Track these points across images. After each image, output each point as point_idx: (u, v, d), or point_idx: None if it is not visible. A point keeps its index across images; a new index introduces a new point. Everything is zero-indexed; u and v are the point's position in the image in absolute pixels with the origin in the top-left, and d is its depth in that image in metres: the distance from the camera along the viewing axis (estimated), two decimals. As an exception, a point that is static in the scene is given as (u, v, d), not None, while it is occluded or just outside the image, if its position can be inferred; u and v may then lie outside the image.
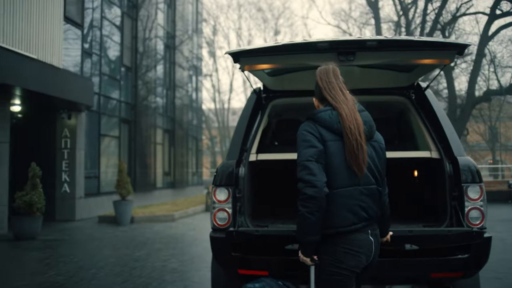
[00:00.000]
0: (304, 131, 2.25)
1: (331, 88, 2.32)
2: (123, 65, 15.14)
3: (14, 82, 8.57)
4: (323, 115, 2.26)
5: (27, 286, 5.29)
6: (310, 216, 2.11)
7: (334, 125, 2.23)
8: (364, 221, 2.23)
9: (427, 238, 3.03)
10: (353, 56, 2.96)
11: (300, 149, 2.21)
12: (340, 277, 2.20)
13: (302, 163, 2.15)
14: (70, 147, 11.78)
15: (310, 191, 2.11)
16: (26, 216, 8.47)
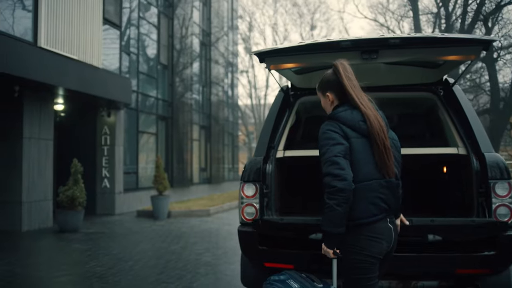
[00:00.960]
0: (327, 130, 2.32)
1: (353, 86, 2.38)
2: (160, 63, 15.50)
3: (57, 83, 8.97)
4: (344, 114, 2.35)
5: (70, 275, 5.59)
6: (338, 208, 2.19)
7: (356, 124, 2.33)
8: (384, 212, 2.34)
9: (449, 228, 3.04)
10: (376, 54, 3.00)
11: (327, 147, 2.27)
12: (365, 264, 2.30)
13: (330, 159, 2.22)
14: (109, 143, 12.21)
15: (339, 184, 2.18)
16: (69, 210, 8.88)
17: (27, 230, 9.02)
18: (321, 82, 2.53)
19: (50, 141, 9.83)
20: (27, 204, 9.08)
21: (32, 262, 6.33)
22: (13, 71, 7.81)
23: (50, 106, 9.90)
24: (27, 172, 9.12)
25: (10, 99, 8.81)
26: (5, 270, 5.80)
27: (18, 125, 9.07)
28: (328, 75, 2.49)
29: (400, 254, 3.03)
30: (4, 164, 9.10)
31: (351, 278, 2.36)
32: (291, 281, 2.65)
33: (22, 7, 8.67)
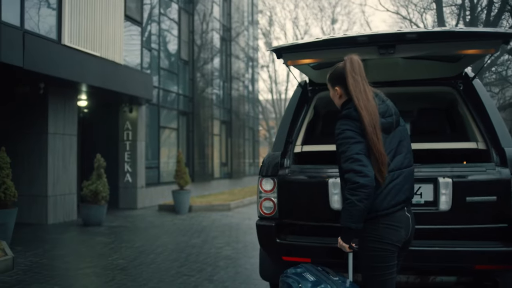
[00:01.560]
0: (345, 129, 2.34)
1: (356, 84, 2.37)
2: (181, 59, 15.63)
3: (80, 79, 9.15)
4: (355, 111, 2.35)
5: (94, 267, 5.74)
6: (359, 203, 2.23)
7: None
8: (403, 203, 2.39)
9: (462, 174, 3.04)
10: (393, 49, 2.99)
11: (347, 145, 2.30)
12: (383, 253, 2.35)
13: (352, 156, 2.26)
14: (131, 139, 12.40)
15: (362, 180, 2.22)
16: (92, 204, 9.07)
17: (52, 223, 9.26)
18: (331, 75, 2.55)
19: (74, 137, 10.05)
20: (52, 197, 9.32)
21: (58, 254, 6.51)
22: (39, 69, 8.00)
23: (73, 102, 10.12)
24: (52, 167, 9.35)
25: (35, 95, 9.04)
26: (33, 262, 5.99)
27: (43, 121, 9.30)
28: (339, 69, 2.49)
29: (417, 248, 3.04)
30: (31, 159, 9.35)
31: (370, 267, 2.38)
32: (308, 274, 2.67)
33: (47, 5, 8.85)
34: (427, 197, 3.12)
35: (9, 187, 6.84)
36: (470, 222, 3.08)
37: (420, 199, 3.13)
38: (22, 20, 8.02)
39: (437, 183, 3.08)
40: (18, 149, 9.29)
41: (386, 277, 2.38)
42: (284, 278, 2.73)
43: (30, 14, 8.33)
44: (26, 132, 9.42)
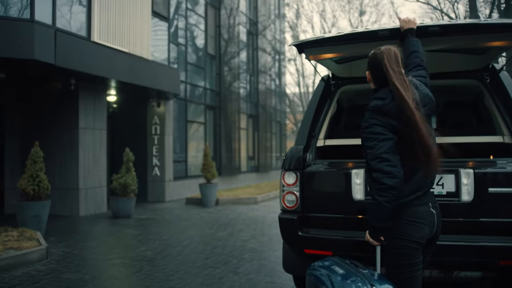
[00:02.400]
0: (373, 124, 2.26)
1: (394, 72, 2.28)
2: (208, 54, 15.75)
3: (109, 75, 9.36)
4: (389, 108, 2.26)
5: (122, 258, 5.90)
6: (387, 205, 2.21)
7: (397, 114, 2.25)
8: (425, 187, 2.34)
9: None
10: None
11: (375, 142, 2.23)
12: (407, 250, 2.31)
13: (381, 155, 2.20)
14: (159, 133, 12.61)
15: (391, 181, 2.19)
16: (122, 197, 9.30)
17: (84, 215, 9.55)
18: (368, 59, 2.47)
19: (103, 131, 10.30)
20: (83, 190, 9.60)
21: (88, 245, 6.72)
22: (70, 65, 8.23)
23: (103, 97, 10.36)
24: (83, 161, 9.62)
25: (67, 91, 9.30)
26: (65, 252, 6.21)
27: (74, 116, 9.58)
28: (373, 55, 2.42)
29: (441, 242, 3.03)
30: (63, 153, 9.65)
31: (395, 265, 2.36)
32: (336, 267, 2.62)
33: (77, 3, 9.07)
34: (449, 187, 3.10)
35: (43, 180, 7.09)
36: (494, 215, 3.04)
37: (442, 190, 3.11)
38: (53, 18, 8.25)
39: (458, 174, 3.05)
40: (50, 143, 9.61)
41: (412, 274, 2.35)
42: (312, 271, 2.71)
43: (62, 12, 8.57)
44: (58, 127, 9.71)
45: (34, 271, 5.25)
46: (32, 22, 7.60)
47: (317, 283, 2.56)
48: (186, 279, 4.91)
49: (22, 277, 5.01)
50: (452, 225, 3.09)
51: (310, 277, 2.71)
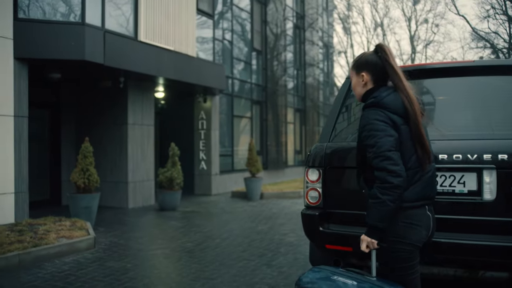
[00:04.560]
0: (375, 120, 2.24)
1: (398, 70, 2.32)
2: (254, 49, 15.90)
3: (156, 73, 9.73)
4: (389, 100, 2.28)
5: (164, 249, 6.20)
6: (391, 204, 2.19)
7: (400, 110, 2.27)
8: (428, 199, 2.37)
9: None
10: None
11: (376, 139, 2.21)
12: (404, 253, 2.30)
13: (383, 154, 2.18)
14: (206, 128, 12.93)
15: (395, 180, 2.17)
16: (168, 190, 9.67)
17: (132, 207, 10.02)
18: (359, 61, 2.45)
19: (151, 127, 10.73)
20: (132, 184, 10.07)
21: (133, 236, 7.09)
22: (118, 64, 8.64)
23: (151, 94, 10.78)
24: (131, 155, 10.09)
25: (116, 89, 9.77)
26: (111, 241, 6.60)
27: (123, 113, 10.05)
28: (368, 55, 2.43)
29: (464, 242, 3.00)
30: (113, 148, 10.16)
31: (392, 268, 2.33)
32: (339, 277, 2.32)
33: (124, 4, 9.47)
34: (471, 186, 3.06)
35: (92, 174, 7.53)
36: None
37: (463, 189, 3.07)
38: (103, 20, 8.68)
39: (480, 172, 3.01)
40: (101, 139, 10.14)
41: (409, 276, 2.34)
42: (308, 285, 2.32)
43: (110, 14, 8.99)
44: (108, 123, 10.23)
45: (82, 258, 5.63)
46: (83, 25, 8.05)
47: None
48: (220, 270, 5.10)
49: (71, 263, 5.40)
50: (474, 224, 3.05)
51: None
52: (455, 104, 3.47)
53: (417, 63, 17.03)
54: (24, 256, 5.23)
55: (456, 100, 3.47)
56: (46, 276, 4.90)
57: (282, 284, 4.61)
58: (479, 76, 3.58)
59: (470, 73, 3.67)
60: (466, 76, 3.62)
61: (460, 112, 3.43)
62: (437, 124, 3.38)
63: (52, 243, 5.69)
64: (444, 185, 3.10)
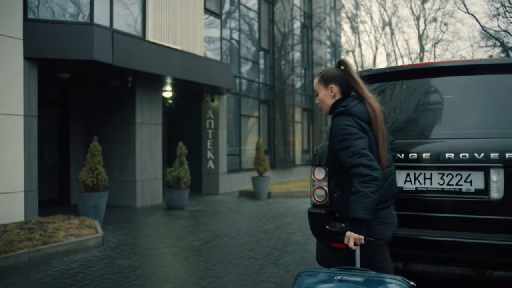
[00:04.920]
0: (346, 125, 2.43)
1: (360, 82, 2.56)
2: (261, 48, 15.92)
3: (164, 72, 9.78)
4: (357, 109, 2.48)
5: (171, 247, 6.23)
6: (372, 195, 2.34)
7: (366, 117, 2.48)
8: (392, 199, 2.62)
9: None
10: None
11: (350, 141, 2.40)
12: (378, 248, 2.54)
13: (359, 151, 2.37)
14: (213, 127, 12.97)
15: (373, 173, 2.34)
16: (175, 189, 9.71)
17: (140, 206, 10.08)
18: (326, 75, 2.64)
19: (159, 126, 10.78)
20: (140, 183, 10.13)
21: (141, 234, 7.14)
22: (126, 64, 8.69)
23: (158, 93, 10.84)
24: (139, 154, 10.15)
25: (124, 89, 9.84)
26: (120, 240, 6.64)
27: (131, 112, 10.12)
28: (333, 69, 2.64)
29: (470, 241, 2.99)
30: (121, 147, 10.24)
31: (367, 262, 2.47)
32: (342, 277, 2.27)
33: (132, 4, 9.52)
34: (478, 185, 3.05)
35: (101, 172, 7.59)
36: None
37: (470, 187, 3.06)
38: (111, 20, 8.74)
39: (488, 171, 3.00)
40: (109, 138, 10.22)
41: (385, 268, 2.55)
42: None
43: (118, 14, 9.04)
44: (116, 123, 10.30)
45: (91, 256, 5.68)
46: (92, 25, 8.11)
47: None
48: (227, 269, 5.12)
49: (80, 261, 5.45)
50: (481, 223, 3.04)
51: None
52: (462, 102, 3.46)
53: (425, 61, 17.05)
54: (33, 254, 5.29)
55: (463, 98, 3.46)
56: (55, 273, 4.95)
57: (288, 282, 4.62)
58: (487, 75, 3.57)
59: (477, 71, 3.66)
60: (473, 74, 3.61)
61: (467, 110, 3.42)
62: (444, 123, 3.38)
63: (61, 241, 5.75)
64: (451, 183, 3.09)
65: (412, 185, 3.23)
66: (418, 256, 3.24)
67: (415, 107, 3.68)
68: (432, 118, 3.56)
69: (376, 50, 44.35)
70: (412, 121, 3.60)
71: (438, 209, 3.18)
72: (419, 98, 3.72)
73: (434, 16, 34.52)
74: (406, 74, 3.78)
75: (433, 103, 3.66)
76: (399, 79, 3.86)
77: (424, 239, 3.14)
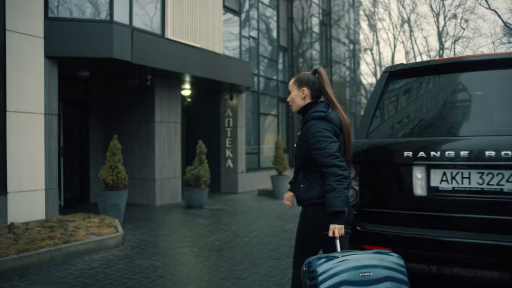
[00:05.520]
0: (323, 129, 2.73)
1: (330, 91, 2.89)
2: (280, 46, 15.77)
3: (183, 70, 9.70)
4: (333, 116, 2.80)
5: (192, 247, 6.14)
6: (345, 190, 2.67)
7: (339, 124, 2.82)
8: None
9: None
10: None
11: (326, 143, 2.69)
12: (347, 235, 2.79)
13: (333, 154, 2.67)
14: (232, 125, 12.87)
15: (345, 172, 2.67)
16: (195, 188, 9.64)
17: (160, 204, 10.04)
18: (301, 78, 2.94)
19: (178, 124, 10.73)
20: (159, 181, 10.09)
21: (162, 234, 7.07)
22: (145, 62, 8.64)
23: (178, 92, 10.78)
24: (159, 153, 10.10)
25: (143, 87, 9.80)
26: (140, 239, 6.58)
27: (150, 110, 10.07)
28: (309, 75, 2.94)
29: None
30: (141, 146, 10.21)
31: (308, 245, 2.79)
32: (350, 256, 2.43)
33: (152, 1, 9.47)
34: None
35: (121, 171, 7.54)
36: None
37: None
38: (130, 18, 8.70)
39: None
40: (128, 136, 10.21)
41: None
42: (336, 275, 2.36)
43: (137, 11, 9.00)
44: (136, 121, 10.27)
45: (111, 255, 5.63)
46: (111, 22, 8.07)
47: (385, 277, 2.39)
48: (250, 270, 5.01)
49: (101, 260, 5.39)
50: None
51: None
52: (503, 97, 3.28)
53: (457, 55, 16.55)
54: (55, 252, 5.25)
55: (504, 93, 3.28)
56: (76, 272, 4.90)
57: (314, 284, 4.48)
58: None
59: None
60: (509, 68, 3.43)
61: (508, 106, 3.24)
62: (484, 119, 3.20)
63: (82, 240, 5.71)
64: (491, 183, 2.93)
65: (449, 184, 3.07)
66: (453, 259, 3.08)
67: (450, 103, 3.51)
68: (470, 114, 3.38)
69: (395, 48, 43.82)
70: (447, 117, 3.43)
71: (476, 210, 3.01)
72: (454, 93, 3.55)
73: (454, 13, 33.87)
74: (440, 69, 3.61)
75: (470, 98, 3.48)
76: (432, 74, 3.69)
77: (460, 241, 2.98)
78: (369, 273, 2.35)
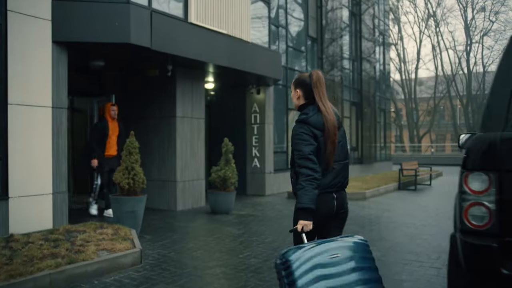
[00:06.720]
0: (301, 132, 2.82)
1: (322, 95, 2.90)
2: (309, 37, 14.63)
3: (208, 59, 8.66)
4: (313, 119, 2.84)
5: (224, 267, 5.08)
6: (314, 190, 2.72)
7: (321, 126, 2.82)
8: (338, 186, 2.95)
9: None
10: None
11: (302, 145, 2.78)
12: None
13: (306, 156, 2.75)
14: (259, 122, 11.80)
15: (315, 174, 2.73)
16: (221, 190, 8.59)
17: (181, 209, 9.01)
18: (297, 79, 3.03)
19: (201, 120, 9.69)
20: (181, 183, 9.06)
21: (186, 247, 6.01)
22: (166, 49, 7.63)
23: (201, 84, 9.74)
24: (180, 152, 9.08)
25: (164, 78, 8.80)
26: (160, 254, 5.56)
27: (171, 104, 9.07)
28: (304, 77, 2.99)
29: None
30: (160, 143, 9.20)
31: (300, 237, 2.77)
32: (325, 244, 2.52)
33: (173, -17, 8.46)
34: None
35: (138, 173, 6.53)
36: None
37: None
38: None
39: None
40: (147, 133, 9.22)
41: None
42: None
43: (157, -8, 7.99)
44: (155, 116, 9.28)
45: (127, 278, 4.60)
46: (128, 3, 7.06)
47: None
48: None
49: (113, 285, 4.38)
50: None
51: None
52: None
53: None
54: (56, 276, 4.23)
55: None
56: (82, 303, 3.88)
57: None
58: None
59: None
60: None
61: None
62: None
63: (91, 258, 4.68)
64: None
65: None
66: None
67: None
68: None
69: (420, 43, 42.24)
70: None
71: None
72: None
73: (483, 5, 32.18)
74: None
75: None
76: None
77: None
78: (337, 254, 2.46)
